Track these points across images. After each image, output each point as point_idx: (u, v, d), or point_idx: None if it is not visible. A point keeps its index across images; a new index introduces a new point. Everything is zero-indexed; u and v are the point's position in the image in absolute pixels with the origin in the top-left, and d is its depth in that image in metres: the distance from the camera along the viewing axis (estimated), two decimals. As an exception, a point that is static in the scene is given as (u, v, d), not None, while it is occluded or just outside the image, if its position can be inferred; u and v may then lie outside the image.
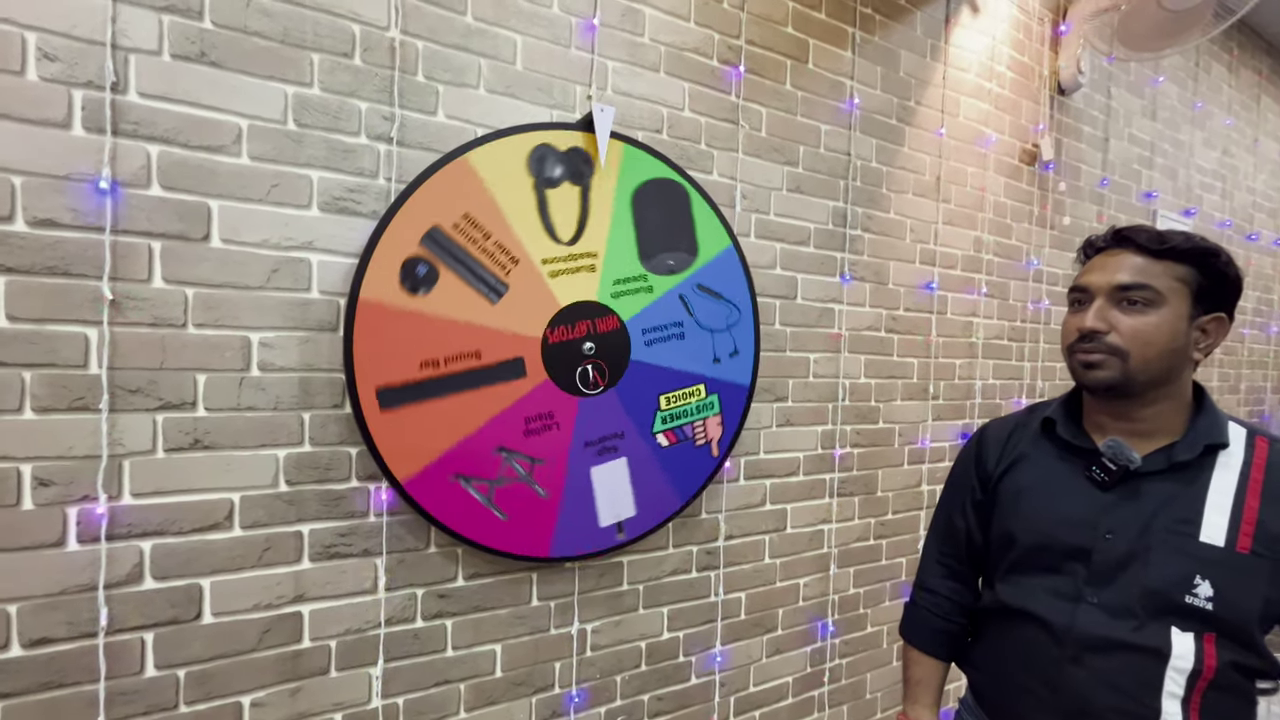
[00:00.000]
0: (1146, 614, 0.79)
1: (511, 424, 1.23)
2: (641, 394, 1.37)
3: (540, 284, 1.25)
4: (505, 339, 1.22)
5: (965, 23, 1.99)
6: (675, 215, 1.41)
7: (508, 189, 1.21)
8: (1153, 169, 2.66)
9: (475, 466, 1.20)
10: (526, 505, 1.26)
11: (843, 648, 1.84)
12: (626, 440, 1.36)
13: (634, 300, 1.36)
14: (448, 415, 1.17)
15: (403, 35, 1.15)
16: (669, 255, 1.40)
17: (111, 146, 0.95)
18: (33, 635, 0.93)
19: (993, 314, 2.12)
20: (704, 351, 1.45)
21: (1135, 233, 0.84)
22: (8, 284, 0.90)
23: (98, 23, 0.93)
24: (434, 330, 1.15)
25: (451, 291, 1.16)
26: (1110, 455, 0.83)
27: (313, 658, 1.12)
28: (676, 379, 1.42)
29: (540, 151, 1.24)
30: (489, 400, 1.21)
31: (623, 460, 1.35)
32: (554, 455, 1.28)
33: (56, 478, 0.94)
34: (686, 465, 1.44)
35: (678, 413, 1.42)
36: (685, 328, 1.42)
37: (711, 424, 1.47)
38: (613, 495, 1.34)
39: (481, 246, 1.19)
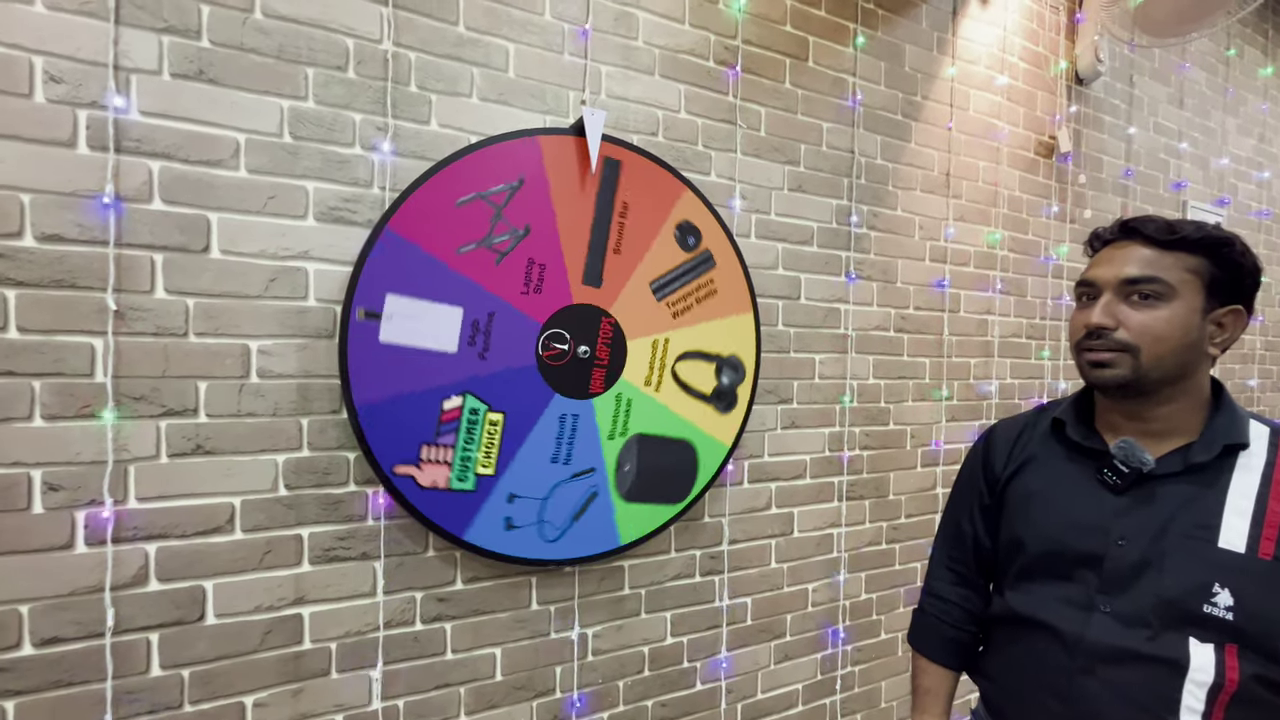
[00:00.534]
0: (1162, 624, 0.75)
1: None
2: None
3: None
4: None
5: (974, 15, 1.94)
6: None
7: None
8: (1181, 158, 2.56)
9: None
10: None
11: (855, 655, 1.80)
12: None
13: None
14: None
15: (395, 47, 1.17)
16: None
17: (115, 163, 0.98)
18: (43, 635, 0.96)
19: (1009, 311, 2.06)
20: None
21: (1143, 223, 0.80)
22: (18, 297, 0.94)
23: (101, 45, 0.97)
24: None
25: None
26: (1122, 457, 0.80)
27: (313, 659, 1.14)
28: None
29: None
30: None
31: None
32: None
33: (65, 483, 0.97)
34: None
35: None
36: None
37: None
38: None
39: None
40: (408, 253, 1.14)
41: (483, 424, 1.21)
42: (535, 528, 1.27)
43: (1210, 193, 2.67)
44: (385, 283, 1.12)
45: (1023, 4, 2.06)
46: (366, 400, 1.12)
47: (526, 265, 1.25)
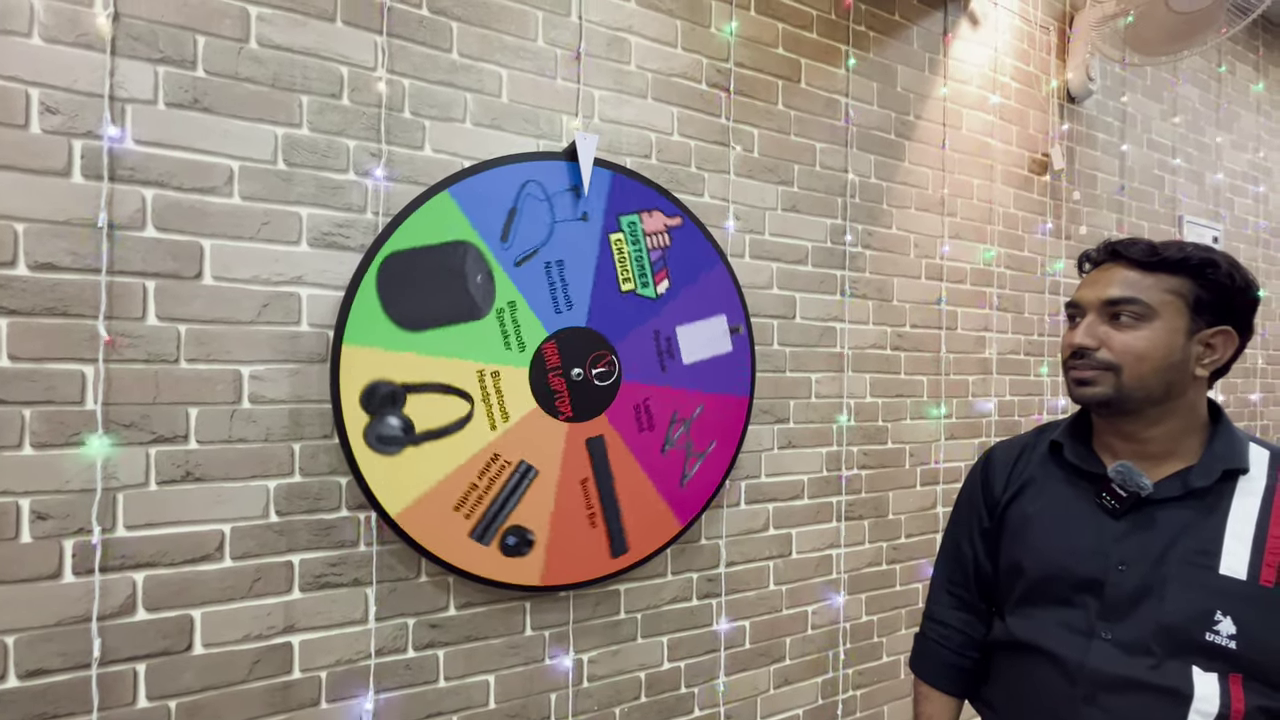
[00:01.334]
0: (1164, 652, 0.74)
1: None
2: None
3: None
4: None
5: (964, 35, 1.96)
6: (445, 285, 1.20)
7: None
8: (1176, 174, 2.57)
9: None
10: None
11: (857, 678, 1.77)
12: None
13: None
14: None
15: (390, 74, 1.19)
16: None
17: (109, 192, 0.99)
18: (28, 666, 0.95)
19: (1007, 328, 2.05)
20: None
21: (1127, 245, 0.81)
22: (10, 325, 0.94)
23: (97, 77, 0.98)
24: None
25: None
26: (1120, 481, 0.79)
27: (303, 689, 1.12)
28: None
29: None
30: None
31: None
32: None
33: (54, 511, 0.97)
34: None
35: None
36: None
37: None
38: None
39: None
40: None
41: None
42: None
43: (1206, 208, 2.68)
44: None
45: (1013, 24, 2.08)
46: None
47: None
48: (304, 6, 1.12)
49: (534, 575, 1.27)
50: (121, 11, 1.00)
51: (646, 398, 1.37)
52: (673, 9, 1.47)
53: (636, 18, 1.43)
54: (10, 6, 0.94)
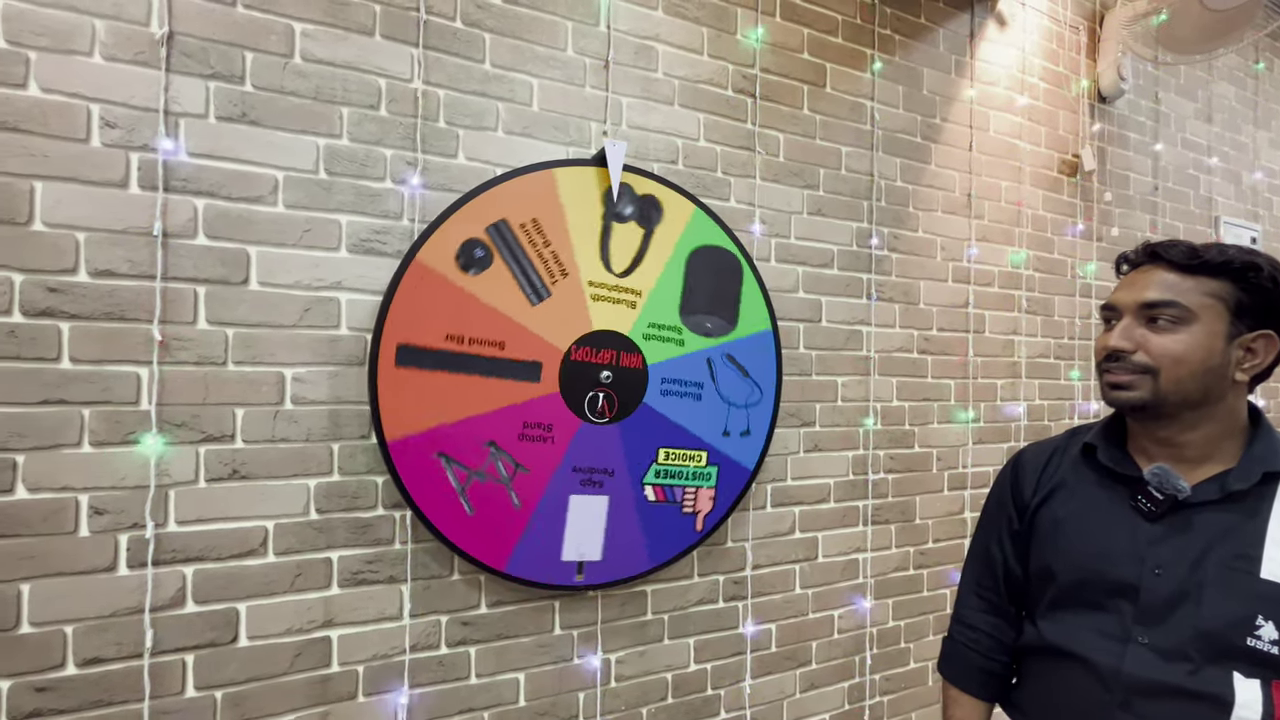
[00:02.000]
0: (1203, 657, 0.73)
1: (509, 423, 1.24)
2: (643, 439, 1.36)
3: (580, 302, 1.30)
4: (531, 340, 1.25)
5: (992, 37, 1.95)
6: (725, 284, 1.44)
7: (580, 210, 1.29)
8: (1212, 174, 2.51)
9: (461, 451, 1.19)
10: (497, 509, 1.23)
11: (884, 684, 1.75)
12: (615, 480, 1.33)
13: (663, 348, 1.38)
14: (453, 391, 1.19)
15: (425, 85, 1.22)
16: (708, 319, 1.42)
17: (163, 202, 1.04)
18: (85, 655, 0.99)
19: (1036, 331, 2.03)
20: (716, 420, 1.43)
21: (1166, 247, 0.80)
22: (71, 329, 0.99)
23: (152, 92, 1.03)
24: (470, 309, 1.20)
25: (499, 280, 1.22)
26: (1157, 484, 0.78)
27: (341, 682, 1.16)
28: (681, 437, 1.40)
29: (616, 190, 1.31)
30: (496, 392, 1.22)
31: (604, 499, 1.32)
32: (539, 468, 1.26)
33: (110, 506, 1.01)
34: (666, 528, 1.38)
35: (673, 471, 1.39)
36: (704, 391, 1.41)
37: (704, 495, 1.42)
38: (583, 530, 1.30)
39: (539, 251, 1.26)
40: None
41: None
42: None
43: (1244, 208, 2.62)
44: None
45: (1041, 25, 2.06)
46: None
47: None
48: (345, 21, 1.16)
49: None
50: (175, 30, 1.05)
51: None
52: (699, 17, 1.49)
53: (664, 26, 1.45)
54: (74, 27, 0.99)
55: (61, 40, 0.98)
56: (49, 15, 0.98)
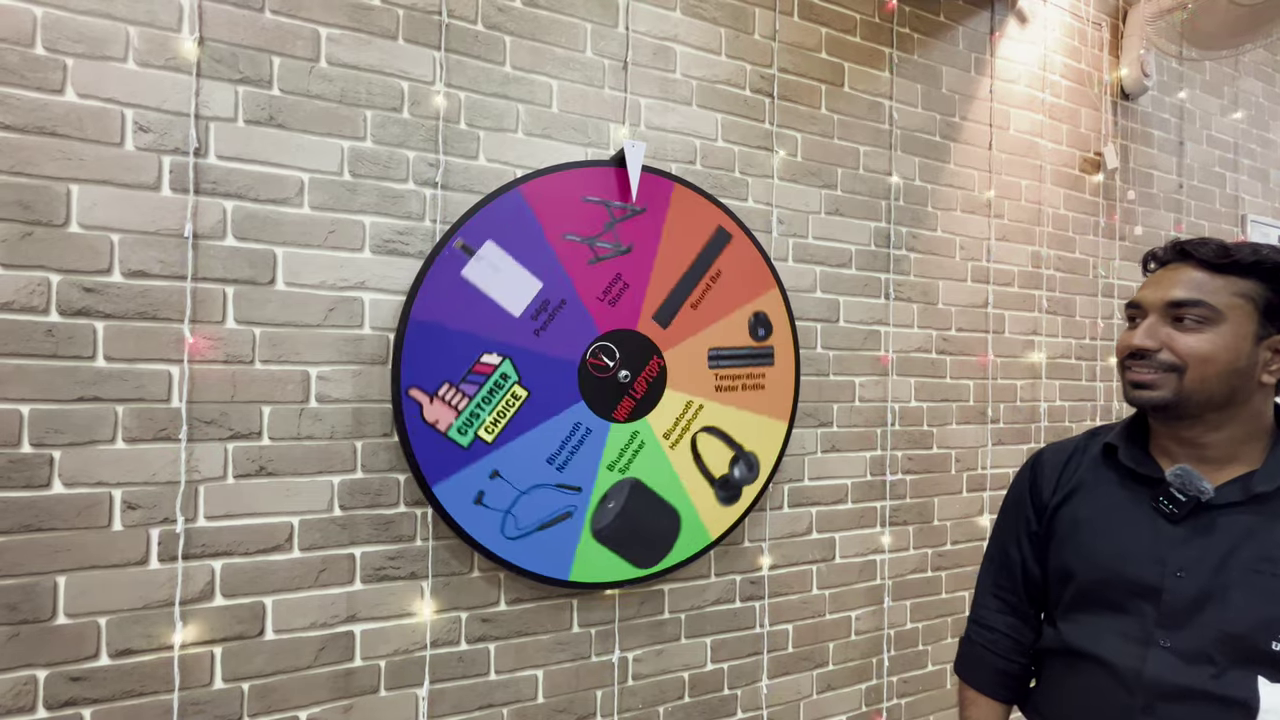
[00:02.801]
0: (1227, 661, 0.72)
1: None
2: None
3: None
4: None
5: (1012, 34, 1.93)
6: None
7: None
8: (1238, 171, 2.46)
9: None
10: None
11: (901, 686, 1.74)
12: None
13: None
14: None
15: (447, 88, 1.24)
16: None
17: (194, 204, 1.06)
18: (118, 646, 1.02)
19: (1057, 331, 2.00)
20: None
21: (1196, 245, 0.78)
22: (105, 328, 1.01)
23: (184, 97, 1.06)
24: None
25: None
26: (1179, 485, 0.77)
27: (363, 676, 1.18)
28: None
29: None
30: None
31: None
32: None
33: (142, 501, 1.04)
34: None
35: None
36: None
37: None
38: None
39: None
40: (522, 215, 1.24)
41: (506, 392, 1.23)
42: (500, 516, 1.23)
43: (1272, 206, 2.56)
44: (491, 231, 1.22)
45: (1063, 21, 2.04)
46: (421, 318, 1.16)
47: (613, 278, 1.32)
48: (369, 26, 1.18)
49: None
50: (206, 36, 1.07)
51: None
52: (717, 17, 1.49)
53: (682, 27, 1.45)
54: (109, 34, 1.01)
55: (97, 47, 1.01)
56: (85, 23, 1.00)
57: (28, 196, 0.97)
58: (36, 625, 0.98)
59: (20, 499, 0.97)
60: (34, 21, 0.98)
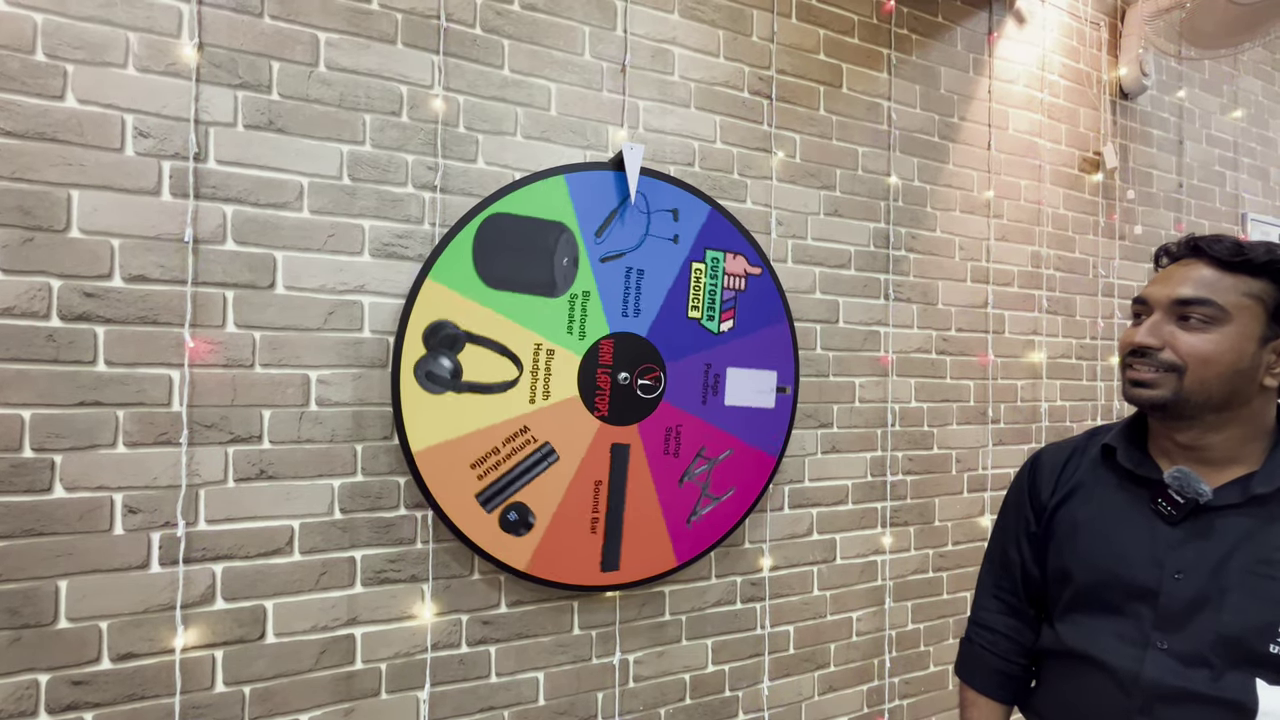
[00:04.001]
0: (1224, 663, 0.72)
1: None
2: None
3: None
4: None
5: (1010, 34, 1.93)
6: (528, 248, 1.28)
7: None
8: (1238, 170, 2.46)
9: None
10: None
11: (903, 688, 1.74)
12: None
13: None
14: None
15: (445, 92, 1.24)
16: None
17: (194, 209, 1.07)
18: (120, 650, 1.02)
19: (1057, 331, 2.00)
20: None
21: (1210, 242, 0.77)
22: (106, 333, 1.02)
23: (183, 102, 1.06)
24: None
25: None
26: (1177, 487, 0.76)
27: (364, 679, 1.18)
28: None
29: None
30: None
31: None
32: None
33: (143, 505, 1.04)
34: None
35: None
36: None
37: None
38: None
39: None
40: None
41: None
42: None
43: (1273, 205, 2.56)
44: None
45: (1061, 21, 2.04)
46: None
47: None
48: (368, 30, 1.18)
49: (521, 559, 1.25)
50: (205, 41, 1.07)
51: (680, 424, 1.39)
52: (715, 19, 1.50)
53: (680, 29, 1.46)
54: (109, 40, 1.02)
55: (97, 53, 1.01)
56: (85, 29, 1.01)
57: (29, 202, 0.98)
58: (38, 629, 0.98)
59: (22, 503, 0.97)
60: (34, 28, 0.98)
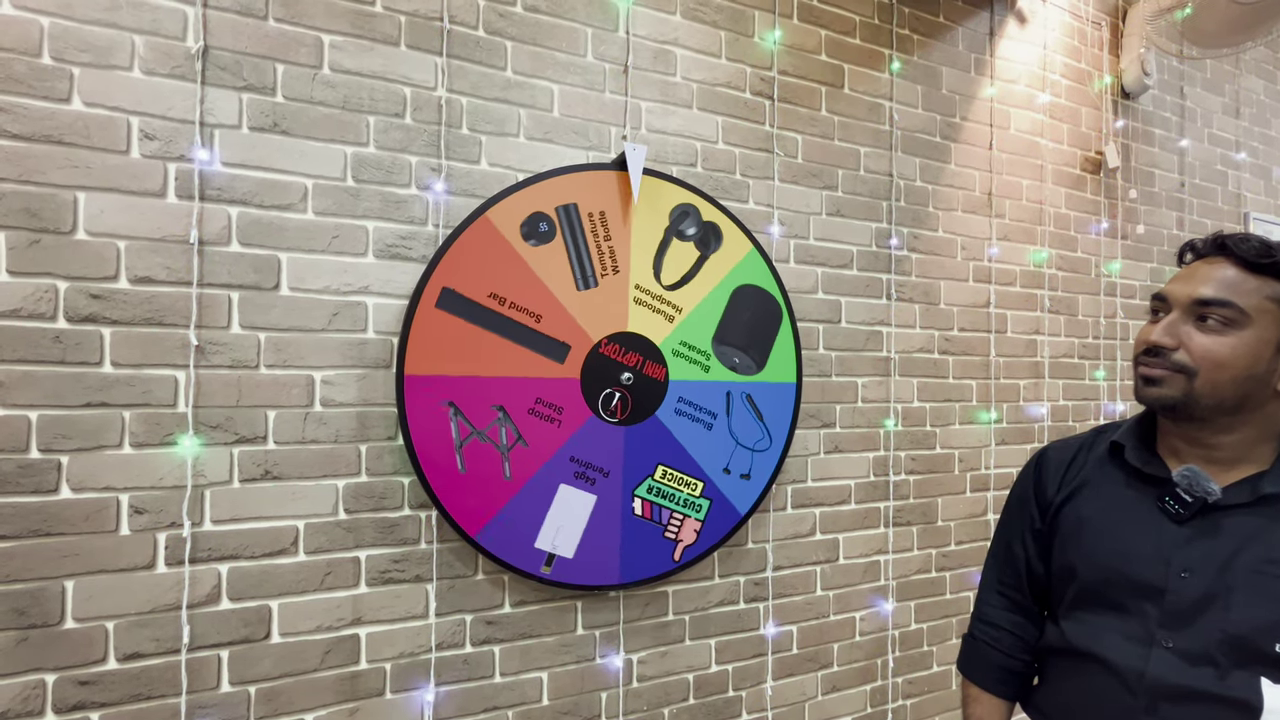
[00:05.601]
0: (1230, 662, 0.72)
1: (524, 394, 1.25)
2: (646, 450, 1.36)
3: (623, 300, 1.34)
4: (567, 322, 1.29)
5: (1012, 34, 1.93)
6: (762, 326, 1.48)
7: (647, 216, 1.36)
8: (1240, 169, 2.46)
9: (470, 406, 1.21)
10: (488, 475, 1.23)
11: (906, 687, 1.74)
12: (608, 482, 1.32)
13: (688, 368, 1.40)
14: (479, 347, 1.21)
15: (449, 93, 1.25)
16: (737, 354, 1.44)
17: (199, 211, 1.07)
18: (126, 650, 1.03)
19: (1059, 331, 2.00)
20: (721, 455, 1.43)
21: (1238, 241, 0.75)
22: (112, 334, 1.02)
23: (189, 105, 1.07)
24: (519, 275, 1.25)
25: (554, 257, 1.28)
26: (1186, 486, 0.76)
27: (369, 679, 1.18)
28: (683, 460, 1.40)
29: (684, 209, 1.37)
30: (520, 360, 1.25)
31: (592, 498, 1.31)
32: (540, 447, 1.27)
33: (149, 506, 1.04)
34: (643, 548, 1.36)
35: (667, 492, 1.38)
36: (716, 422, 1.42)
37: (689, 526, 1.40)
38: (562, 523, 1.28)
39: (599, 242, 1.32)
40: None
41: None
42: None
43: (1275, 204, 2.56)
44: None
45: (1063, 21, 2.04)
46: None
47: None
48: (372, 32, 1.19)
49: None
50: (210, 44, 1.08)
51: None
52: (716, 20, 1.50)
53: (682, 30, 1.46)
54: (114, 43, 1.03)
55: (103, 56, 1.02)
56: (91, 32, 1.01)
57: (35, 204, 0.98)
58: (45, 629, 0.98)
59: (29, 504, 0.98)
60: (41, 31, 0.99)
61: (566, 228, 1.28)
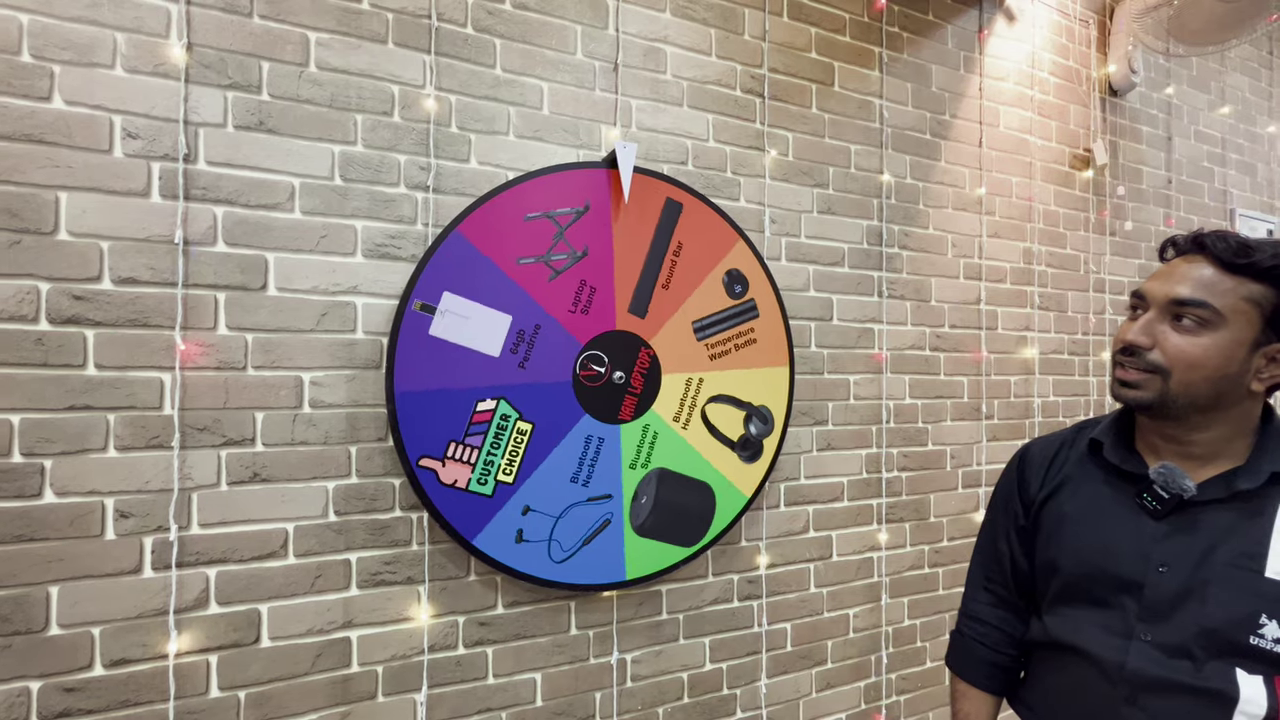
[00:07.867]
0: (1206, 654, 0.73)
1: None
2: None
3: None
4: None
5: (1001, 32, 1.94)
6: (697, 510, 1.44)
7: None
8: (1226, 166, 2.48)
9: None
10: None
11: (900, 683, 1.75)
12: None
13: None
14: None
15: (438, 91, 1.24)
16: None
17: (184, 210, 1.06)
18: (112, 656, 1.01)
19: (1049, 327, 2.01)
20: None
21: (1215, 239, 0.75)
22: (95, 336, 1.01)
23: (172, 103, 1.05)
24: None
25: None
26: (1162, 482, 0.77)
27: (361, 682, 1.17)
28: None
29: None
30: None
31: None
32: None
33: (135, 510, 1.03)
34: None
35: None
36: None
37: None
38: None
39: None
40: (470, 256, 1.21)
41: (511, 431, 1.24)
42: (544, 545, 1.27)
43: (1260, 200, 2.59)
44: (445, 281, 1.19)
45: (1051, 19, 2.05)
46: (407, 389, 1.16)
47: (578, 286, 1.30)
48: (359, 30, 1.18)
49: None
50: (194, 42, 1.07)
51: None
52: (706, 18, 1.50)
53: (672, 28, 1.46)
54: (96, 40, 1.01)
55: (84, 54, 1.00)
56: (72, 29, 1.00)
57: (16, 204, 0.97)
58: (29, 636, 0.97)
59: (11, 509, 0.96)
60: (20, 29, 0.97)
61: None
